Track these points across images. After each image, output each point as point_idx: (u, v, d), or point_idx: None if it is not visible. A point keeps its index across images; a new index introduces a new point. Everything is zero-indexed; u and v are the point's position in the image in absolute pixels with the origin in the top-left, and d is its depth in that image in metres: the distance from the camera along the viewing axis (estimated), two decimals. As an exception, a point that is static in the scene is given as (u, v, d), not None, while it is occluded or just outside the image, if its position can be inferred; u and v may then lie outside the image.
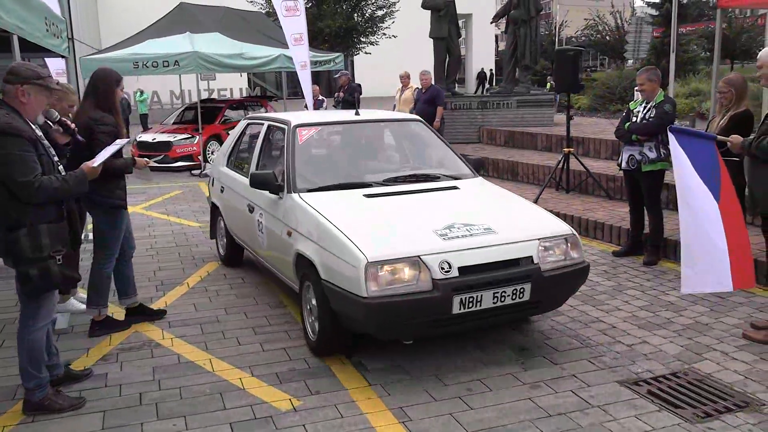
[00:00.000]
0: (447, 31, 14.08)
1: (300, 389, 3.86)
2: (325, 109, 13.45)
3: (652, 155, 5.92)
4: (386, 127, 5.92)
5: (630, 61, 25.61)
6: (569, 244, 4.23)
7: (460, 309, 3.76)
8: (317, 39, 24.65)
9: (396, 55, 29.61)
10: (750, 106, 5.50)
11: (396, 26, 28.22)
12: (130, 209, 9.52)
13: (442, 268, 3.75)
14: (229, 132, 14.62)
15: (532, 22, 13.80)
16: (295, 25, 11.86)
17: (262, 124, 5.82)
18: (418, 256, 3.77)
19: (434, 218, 4.19)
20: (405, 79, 12.17)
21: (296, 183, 4.73)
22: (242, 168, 5.96)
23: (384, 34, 28.30)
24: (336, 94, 13.21)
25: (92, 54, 14.58)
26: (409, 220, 4.19)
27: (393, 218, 4.23)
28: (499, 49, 45.07)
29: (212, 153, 14.03)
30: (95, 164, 3.73)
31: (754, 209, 4.35)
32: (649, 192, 6.11)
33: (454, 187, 4.89)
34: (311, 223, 4.27)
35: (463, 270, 3.80)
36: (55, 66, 12.01)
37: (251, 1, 26.39)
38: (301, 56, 12.02)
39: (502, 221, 4.25)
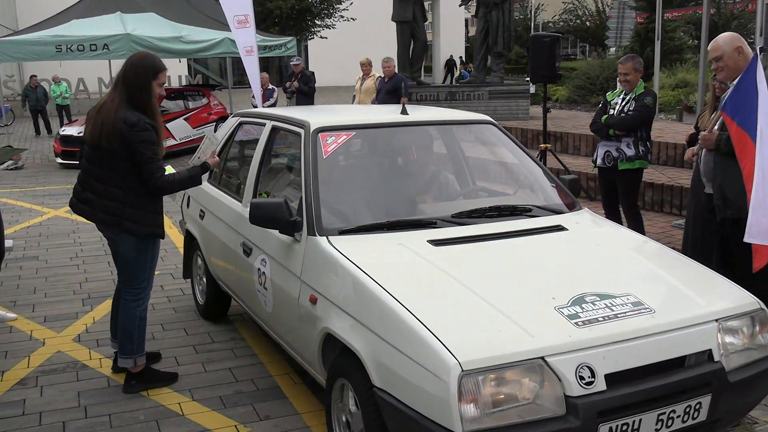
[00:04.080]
0: (412, 14, 14.22)
1: (247, 414, 3.84)
2: (276, 100, 13.40)
3: (630, 152, 5.96)
4: (447, 133, 4.64)
5: (612, 49, 26.15)
6: (758, 324, 3.02)
7: None
8: (266, 21, 24.58)
9: (355, 41, 29.70)
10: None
11: (355, 8, 28.32)
12: (51, 213, 9.49)
13: (581, 378, 2.55)
14: (166, 125, 14.64)
15: (504, 6, 14.04)
16: (238, 5, 11.77)
17: (263, 124, 4.56)
18: (542, 357, 2.55)
19: (550, 285, 2.98)
20: (366, 66, 12.22)
21: (322, 220, 3.47)
22: (231, 186, 4.87)
23: (341, 16, 28.39)
24: (287, 83, 13.16)
25: (7, 35, 14.29)
26: (512, 289, 2.96)
27: (485, 285, 2.93)
28: (470, 34, 45.53)
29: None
30: None
31: (725, 211, 4.38)
32: (626, 193, 6.13)
33: (559, 227, 3.63)
34: (352, 288, 3.05)
35: (611, 378, 2.60)
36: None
37: (192, -22, 26.14)
38: (246, 40, 11.91)
39: (652, 289, 3.05)
